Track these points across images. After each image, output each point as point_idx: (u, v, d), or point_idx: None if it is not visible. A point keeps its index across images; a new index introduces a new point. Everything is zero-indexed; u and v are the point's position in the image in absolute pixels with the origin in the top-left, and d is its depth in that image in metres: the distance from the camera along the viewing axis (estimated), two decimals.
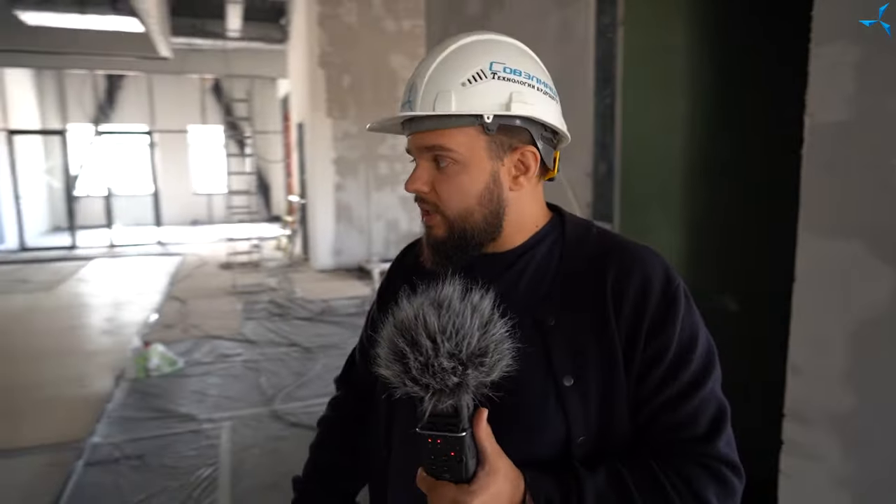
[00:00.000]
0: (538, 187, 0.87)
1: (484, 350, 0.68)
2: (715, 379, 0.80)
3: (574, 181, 2.27)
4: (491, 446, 0.72)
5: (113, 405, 3.82)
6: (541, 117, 0.80)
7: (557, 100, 0.85)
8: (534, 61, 0.84)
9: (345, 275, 8.25)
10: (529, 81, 0.80)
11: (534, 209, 0.87)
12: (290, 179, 11.96)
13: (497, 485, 0.71)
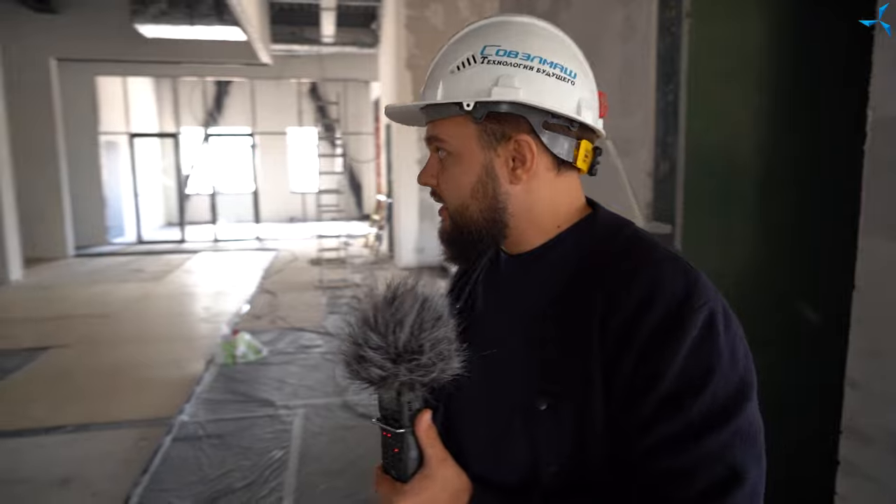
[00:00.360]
0: (559, 182, 0.76)
1: (417, 348, 0.67)
2: (734, 434, 0.63)
3: (634, 180, 2.20)
4: (434, 451, 0.71)
5: (201, 387, 4.12)
6: (530, 101, 0.71)
7: (579, 82, 0.74)
8: (544, 40, 0.74)
9: (426, 272, 8.39)
10: (527, 63, 0.71)
11: (553, 206, 0.76)
12: (378, 179, 12.32)
13: (430, 491, 0.70)
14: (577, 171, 0.78)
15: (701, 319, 0.65)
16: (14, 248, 8.11)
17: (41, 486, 2.94)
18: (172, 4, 8.19)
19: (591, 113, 0.75)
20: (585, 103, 0.74)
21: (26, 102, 9.46)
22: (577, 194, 0.79)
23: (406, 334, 0.68)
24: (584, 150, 0.75)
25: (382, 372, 0.67)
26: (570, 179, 0.77)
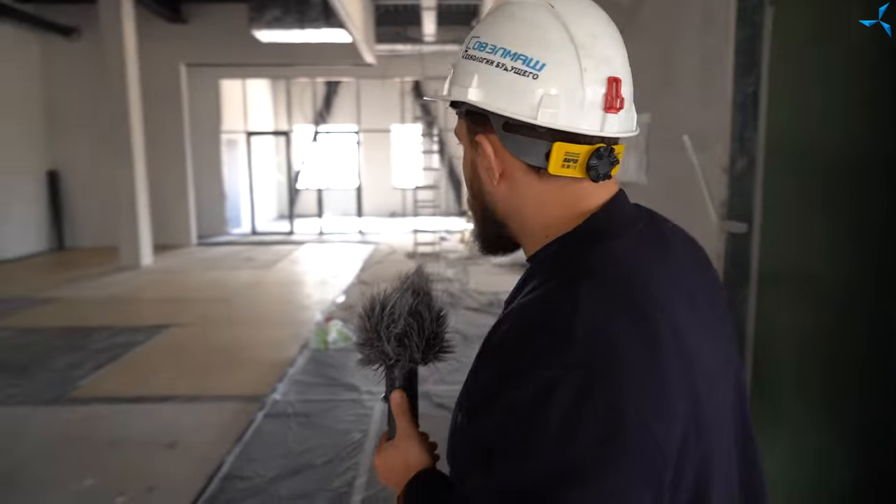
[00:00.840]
0: (544, 186, 0.68)
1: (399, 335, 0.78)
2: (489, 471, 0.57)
3: (709, 177, 2.12)
4: (402, 424, 0.80)
5: (294, 370, 4.41)
6: (477, 101, 0.66)
7: (547, 72, 0.63)
8: (518, 26, 0.65)
9: (519, 269, 8.38)
10: (490, 56, 0.65)
11: (541, 213, 0.69)
12: None
13: (391, 455, 0.80)
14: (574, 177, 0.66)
15: (535, 385, 0.56)
16: (146, 236, 9.01)
17: (153, 447, 3.29)
18: (285, 11, 8.73)
19: (560, 111, 0.63)
20: (550, 101, 0.63)
21: (159, 105, 10.46)
22: (573, 200, 0.69)
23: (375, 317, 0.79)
24: (559, 153, 0.64)
25: (368, 348, 0.80)
26: (560, 184, 0.67)
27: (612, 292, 0.61)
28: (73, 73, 10.40)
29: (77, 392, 4.06)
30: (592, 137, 0.65)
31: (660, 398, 0.58)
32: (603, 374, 0.55)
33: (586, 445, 0.54)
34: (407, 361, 0.80)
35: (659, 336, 0.60)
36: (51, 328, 5.64)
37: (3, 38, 9.59)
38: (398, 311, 0.78)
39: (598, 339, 0.57)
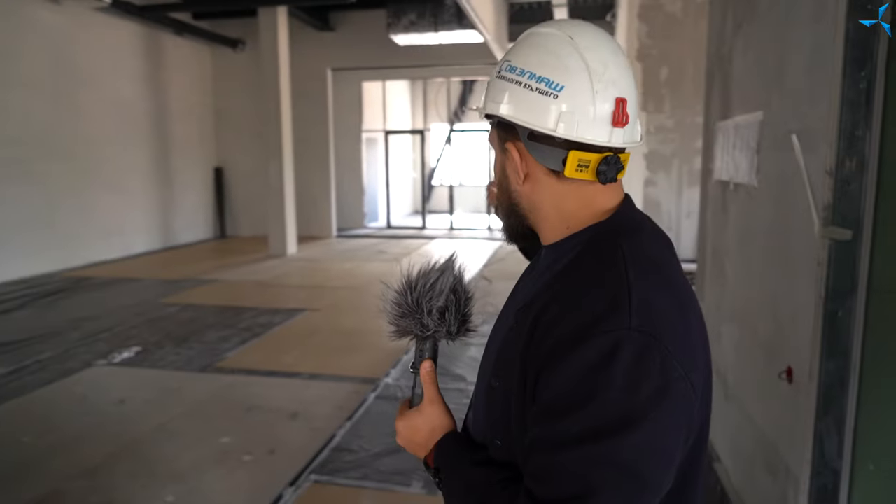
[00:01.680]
0: (562, 187, 0.80)
1: (422, 304, 0.87)
2: (598, 459, 0.66)
3: (814, 179, 1.98)
4: (428, 392, 0.90)
5: (408, 357, 4.67)
6: (508, 115, 0.78)
7: (565, 93, 0.75)
8: (542, 54, 0.78)
9: None
10: (519, 78, 0.78)
11: (559, 209, 0.81)
12: None
13: (415, 420, 0.89)
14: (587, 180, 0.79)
15: (600, 345, 0.67)
16: (292, 228, 9.89)
17: (278, 416, 3.68)
18: (420, 15, 9.11)
19: (574, 126, 0.75)
20: (566, 117, 0.75)
21: (307, 107, 11.38)
22: (594, 198, 0.81)
23: (416, 293, 0.88)
24: (573, 160, 0.76)
25: (398, 322, 0.90)
26: (576, 186, 0.79)
27: (652, 273, 0.75)
28: (236, 80, 11.64)
29: (222, 363, 4.63)
30: (601, 147, 0.77)
31: (692, 355, 0.73)
32: (655, 337, 0.68)
33: (645, 394, 0.66)
34: (443, 334, 0.90)
35: (686, 308, 0.77)
36: (208, 306, 6.42)
37: (183, 51, 10.98)
38: (440, 288, 0.89)
39: (649, 309, 0.70)
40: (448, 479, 0.84)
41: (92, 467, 3.05)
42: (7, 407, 3.82)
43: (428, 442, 0.88)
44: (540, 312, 0.74)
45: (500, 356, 0.82)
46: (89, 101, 8.88)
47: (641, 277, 0.73)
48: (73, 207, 8.61)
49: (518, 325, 0.78)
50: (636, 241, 0.78)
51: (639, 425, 0.66)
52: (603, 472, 0.66)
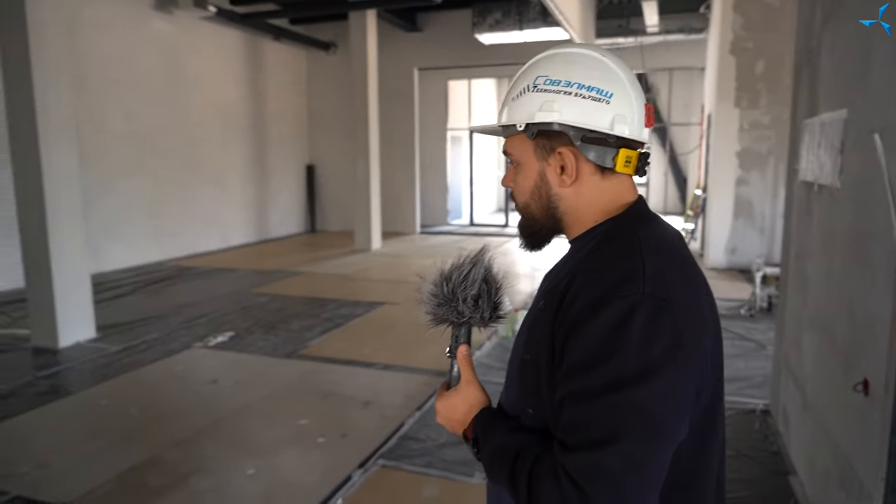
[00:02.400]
0: (604, 184, 0.91)
1: (456, 294, 0.96)
2: (621, 406, 0.74)
3: (894, 181, 1.87)
4: (465, 373, 0.99)
5: (480, 352, 4.75)
6: (566, 120, 0.87)
7: (615, 100, 0.87)
8: (586, 68, 0.88)
9: (735, 275, 7.73)
10: (567, 89, 0.87)
11: (593, 205, 0.92)
12: (699, 172, 11.61)
13: (453, 400, 0.98)
14: (626, 174, 0.92)
15: (618, 308, 0.77)
16: (377, 224, 10.22)
17: (352, 402, 3.87)
18: (505, 14, 9.14)
19: (626, 126, 0.88)
20: (621, 118, 0.88)
21: (395, 106, 11.69)
22: (622, 194, 0.93)
23: (451, 285, 0.97)
24: (622, 157, 0.89)
25: (436, 311, 0.98)
26: (616, 181, 0.92)
27: (663, 253, 0.87)
28: (328, 81, 12.15)
29: (305, 350, 4.90)
30: (640, 144, 0.92)
31: (701, 320, 0.84)
32: (667, 301, 0.78)
33: (659, 349, 0.76)
34: (477, 320, 0.98)
35: (695, 283, 0.88)
36: (296, 296, 6.79)
37: (280, 55, 11.60)
38: (473, 278, 0.97)
39: (661, 279, 0.80)
40: (485, 446, 0.92)
41: (185, 438, 3.35)
42: (119, 380, 4.25)
43: (466, 418, 0.96)
44: (565, 290, 0.85)
45: (531, 334, 0.91)
46: (195, 103, 9.58)
47: (654, 255, 0.84)
48: (178, 201, 9.34)
49: (547, 305, 0.88)
50: (650, 228, 0.90)
51: (654, 376, 0.75)
52: (624, 418, 0.75)
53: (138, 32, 8.52)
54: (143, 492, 2.83)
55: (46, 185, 4.79)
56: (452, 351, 1.01)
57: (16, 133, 4.83)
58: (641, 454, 0.75)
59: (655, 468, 0.77)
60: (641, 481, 0.76)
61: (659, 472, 0.78)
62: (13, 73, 4.75)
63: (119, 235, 8.33)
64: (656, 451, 0.76)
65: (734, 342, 5.02)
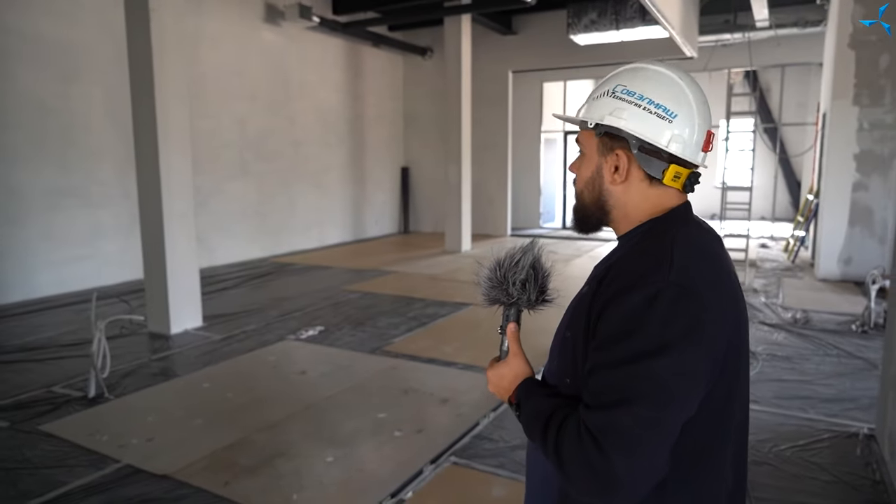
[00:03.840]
0: (650, 191, 1.03)
1: (507, 279, 1.10)
2: (638, 376, 0.87)
3: None
4: (514, 347, 1.12)
5: None
6: (628, 129, 1.00)
7: (677, 121, 0.99)
8: (660, 86, 1.00)
9: (849, 287, 7.13)
10: (638, 102, 1.00)
11: (639, 207, 1.04)
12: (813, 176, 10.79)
13: (502, 370, 1.12)
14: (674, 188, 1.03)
15: (644, 293, 0.90)
16: (467, 226, 10.33)
17: (430, 399, 3.97)
18: (601, 13, 8.95)
19: (682, 146, 1.00)
20: (678, 138, 1.00)
21: (488, 109, 11.77)
22: (665, 203, 1.04)
23: (503, 271, 1.11)
24: (672, 172, 1.01)
25: (492, 293, 1.12)
26: (661, 191, 1.03)
27: (693, 249, 0.98)
28: (424, 85, 12.43)
29: (389, 347, 5.07)
30: (691, 164, 1.04)
31: (720, 312, 0.93)
32: (689, 291, 0.90)
33: (677, 330, 0.88)
34: (524, 302, 1.11)
35: (720, 278, 0.98)
36: (385, 294, 7.02)
37: (379, 61, 12.02)
38: (522, 264, 1.10)
39: (687, 271, 0.92)
40: (525, 408, 1.05)
41: (273, 423, 3.58)
42: (219, 367, 4.60)
43: (511, 385, 1.10)
44: (604, 276, 0.99)
45: (573, 314, 1.05)
46: (298, 109, 10.14)
47: (683, 251, 0.95)
48: (280, 202, 9.92)
49: (588, 289, 1.03)
50: (684, 229, 1.01)
51: (670, 352, 0.87)
52: (639, 385, 0.87)
53: (249, 44, 9.14)
54: (232, 469, 3.06)
55: (163, 187, 5.28)
56: (503, 328, 1.14)
57: (140, 140, 5.36)
58: (653, 416, 0.86)
59: (663, 430, 0.88)
60: (650, 439, 0.86)
61: (667, 435, 0.88)
62: (139, 86, 5.26)
63: (228, 233, 8.98)
64: (666, 416, 0.88)
65: (841, 359, 4.64)
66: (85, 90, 7.07)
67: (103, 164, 7.28)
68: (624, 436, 0.86)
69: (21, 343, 5.18)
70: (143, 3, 5.09)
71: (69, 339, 5.26)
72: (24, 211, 6.57)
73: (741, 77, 13.59)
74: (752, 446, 3.25)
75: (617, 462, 0.85)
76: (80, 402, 3.90)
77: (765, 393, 4.00)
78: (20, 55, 6.46)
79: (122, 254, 7.40)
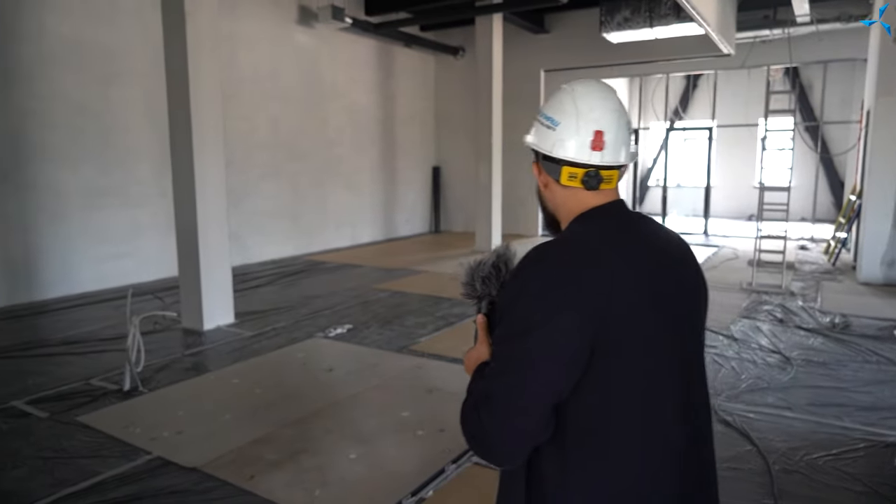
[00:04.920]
0: (565, 192, 1.18)
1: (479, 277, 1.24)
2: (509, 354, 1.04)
3: None
4: (481, 335, 1.25)
5: None
6: (529, 143, 1.21)
7: (560, 129, 1.15)
8: (552, 101, 1.18)
9: (892, 291, 6.88)
10: (541, 119, 1.19)
11: (565, 207, 1.20)
12: (856, 176, 10.43)
13: (473, 354, 1.24)
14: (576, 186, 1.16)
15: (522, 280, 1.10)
16: (497, 225, 10.30)
17: (454, 399, 3.90)
18: (634, 11, 8.82)
19: (566, 150, 1.14)
20: (560, 143, 1.15)
21: (520, 109, 11.70)
22: (582, 202, 1.17)
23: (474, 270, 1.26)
24: (566, 172, 1.15)
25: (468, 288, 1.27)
26: (572, 192, 1.18)
27: (571, 246, 1.11)
28: (455, 85, 12.44)
29: (416, 346, 5.09)
30: (584, 164, 1.15)
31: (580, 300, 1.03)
32: (555, 283, 1.04)
33: (542, 311, 1.02)
34: (488, 295, 1.25)
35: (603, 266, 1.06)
36: (413, 294, 7.06)
37: (411, 61, 12.08)
38: (485, 263, 1.26)
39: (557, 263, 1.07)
40: (470, 383, 1.19)
41: (299, 419, 3.64)
42: (249, 363, 4.70)
43: (475, 365, 1.22)
44: None
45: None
46: (330, 110, 10.26)
47: (559, 247, 1.10)
48: (313, 201, 10.05)
49: None
50: (582, 222, 1.15)
51: (534, 329, 1.02)
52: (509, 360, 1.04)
53: (283, 46, 9.29)
54: (259, 463, 3.13)
55: (197, 186, 5.40)
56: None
57: (175, 141, 5.50)
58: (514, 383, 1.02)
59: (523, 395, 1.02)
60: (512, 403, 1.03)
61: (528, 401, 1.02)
62: (174, 88, 5.40)
63: (262, 231, 9.15)
64: (524, 382, 1.02)
65: (881, 366, 4.49)
66: (124, 92, 7.29)
67: (142, 164, 7.50)
68: (492, 400, 1.03)
69: (63, 337, 5.37)
70: (179, 6, 5.23)
71: (108, 333, 5.43)
72: (66, 209, 6.82)
73: (781, 74, 13.23)
74: (783, 454, 3.18)
75: (486, 422, 1.03)
76: (115, 395, 4.03)
77: (798, 399, 3.89)
78: (61, 59, 6.70)
79: (160, 251, 7.60)
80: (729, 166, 15.07)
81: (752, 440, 3.32)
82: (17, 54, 6.36)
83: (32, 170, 6.54)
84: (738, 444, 3.29)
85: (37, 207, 6.59)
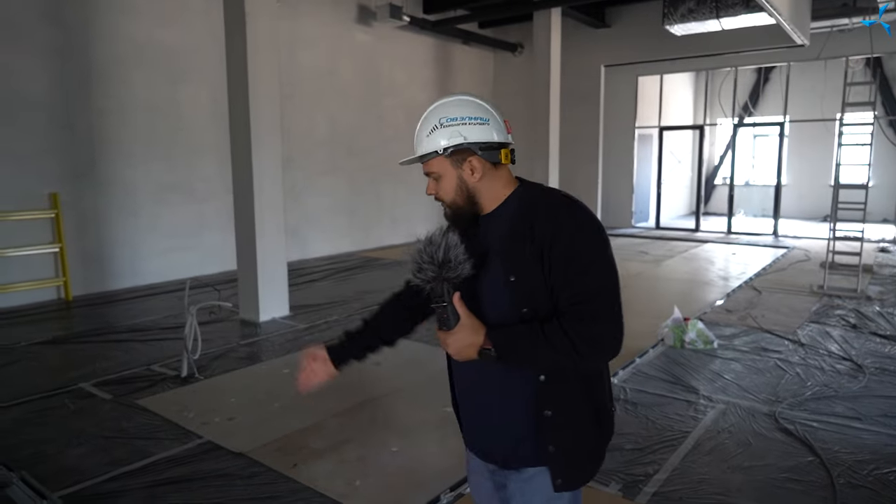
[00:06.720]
0: (498, 172, 1.40)
1: (447, 259, 1.29)
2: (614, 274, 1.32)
3: None
4: (463, 311, 1.30)
5: (641, 360, 4.50)
6: (469, 139, 1.35)
7: (490, 122, 1.37)
8: (470, 107, 1.37)
9: None
10: (463, 121, 1.36)
11: (499, 187, 1.40)
12: None
13: (461, 334, 1.29)
14: (506, 164, 1.40)
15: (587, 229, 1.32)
16: None
17: None
18: (699, 2, 8.48)
19: (501, 136, 1.39)
20: (499, 132, 1.38)
21: (579, 104, 11.49)
22: (507, 179, 1.42)
23: (441, 254, 1.29)
24: (504, 153, 1.38)
25: (433, 273, 1.30)
26: (503, 170, 1.42)
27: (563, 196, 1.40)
28: (514, 82, 12.33)
29: None
30: (507, 145, 1.40)
31: None
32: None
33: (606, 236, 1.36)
34: (431, 278, 1.29)
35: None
36: None
37: (469, 58, 12.05)
38: (415, 251, 1.33)
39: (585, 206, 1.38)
40: (505, 342, 1.29)
41: (345, 410, 3.68)
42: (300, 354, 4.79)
43: (477, 340, 1.29)
44: (531, 227, 1.32)
45: (508, 267, 1.34)
46: (387, 108, 10.36)
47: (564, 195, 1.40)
48: (369, 197, 10.19)
49: (512, 247, 1.34)
50: (541, 188, 1.43)
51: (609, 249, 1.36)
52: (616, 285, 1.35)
53: (342, 45, 9.45)
54: (303, 452, 3.18)
55: (255, 183, 5.56)
56: (436, 303, 1.29)
57: (235, 138, 5.68)
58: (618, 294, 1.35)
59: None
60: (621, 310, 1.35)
61: None
62: (235, 87, 5.58)
63: (320, 227, 9.34)
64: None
65: None
66: (191, 91, 7.59)
67: (206, 161, 7.79)
68: (613, 309, 1.30)
69: (129, 324, 5.65)
70: (240, 7, 5.39)
71: (170, 322, 5.67)
72: (136, 204, 7.17)
73: (861, 65, 12.42)
74: (849, 467, 2.98)
75: (619, 327, 1.30)
76: (173, 381, 4.20)
77: (871, 410, 3.63)
78: (133, 60, 7.04)
79: (223, 245, 7.87)
80: (802, 164, 14.29)
81: (814, 450, 3.12)
82: (94, 56, 6.74)
83: (107, 167, 6.92)
84: (798, 455, 3.10)
85: (109, 203, 6.96)
